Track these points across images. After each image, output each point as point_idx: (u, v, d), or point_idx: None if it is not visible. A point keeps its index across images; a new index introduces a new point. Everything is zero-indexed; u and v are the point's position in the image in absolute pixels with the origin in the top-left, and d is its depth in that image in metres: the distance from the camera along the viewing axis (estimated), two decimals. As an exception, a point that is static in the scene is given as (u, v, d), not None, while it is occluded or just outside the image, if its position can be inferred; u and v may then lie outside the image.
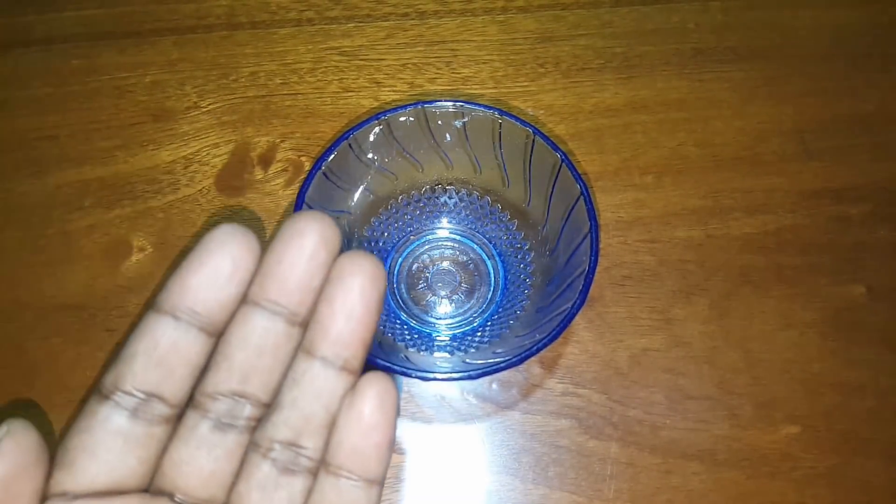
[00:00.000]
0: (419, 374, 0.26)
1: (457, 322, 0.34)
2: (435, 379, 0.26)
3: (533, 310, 0.31)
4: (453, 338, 0.33)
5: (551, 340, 0.26)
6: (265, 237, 0.36)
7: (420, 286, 0.34)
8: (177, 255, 0.36)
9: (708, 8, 0.42)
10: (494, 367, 0.26)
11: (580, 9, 0.42)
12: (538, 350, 0.26)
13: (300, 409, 0.18)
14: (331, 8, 0.42)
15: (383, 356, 0.26)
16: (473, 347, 0.32)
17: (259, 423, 0.18)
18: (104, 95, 0.40)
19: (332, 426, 0.18)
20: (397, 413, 0.18)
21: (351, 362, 0.18)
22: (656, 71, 0.40)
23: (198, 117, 0.39)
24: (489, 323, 0.33)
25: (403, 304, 0.34)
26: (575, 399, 0.33)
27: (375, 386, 0.17)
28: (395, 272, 0.35)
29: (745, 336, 0.34)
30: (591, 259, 0.27)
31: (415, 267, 0.35)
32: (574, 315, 0.26)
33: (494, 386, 0.33)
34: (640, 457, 0.32)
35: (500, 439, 0.32)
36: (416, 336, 0.33)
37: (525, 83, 0.40)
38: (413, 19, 0.42)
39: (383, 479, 0.18)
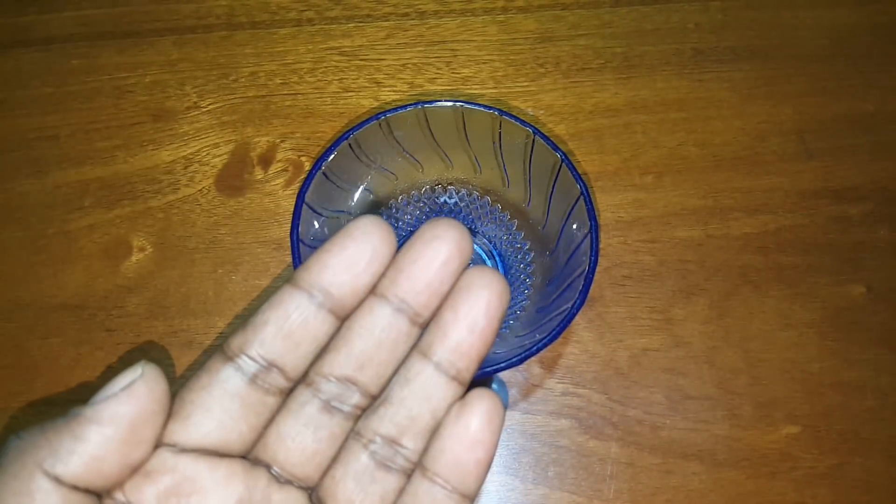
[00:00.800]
0: (419, 374, 0.26)
1: (457, 322, 0.34)
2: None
3: (533, 310, 0.31)
4: (453, 338, 0.33)
5: (551, 340, 0.26)
6: (266, 237, 0.36)
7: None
8: (176, 255, 0.36)
9: (708, 8, 0.42)
10: (494, 367, 0.26)
11: (580, 9, 0.42)
12: (538, 350, 0.26)
13: (407, 408, 0.18)
14: (331, 8, 0.42)
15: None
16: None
17: (363, 413, 0.18)
18: (104, 95, 0.40)
19: (433, 432, 0.18)
20: (501, 434, 0.18)
21: (463, 374, 0.18)
22: (656, 71, 0.40)
23: (198, 117, 0.39)
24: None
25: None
26: (575, 399, 0.33)
27: (486, 402, 0.18)
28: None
29: (744, 336, 0.34)
30: (591, 259, 0.27)
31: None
32: (574, 315, 0.26)
33: (495, 386, 0.33)
34: (640, 457, 0.32)
35: (500, 439, 0.32)
36: (416, 336, 0.32)
37: (525, 83, 0.40)
38: (413, 19, 0.42)
39: (475, 498, 0.18)
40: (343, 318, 0.18)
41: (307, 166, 0.38)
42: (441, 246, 0.17)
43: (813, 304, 0.35)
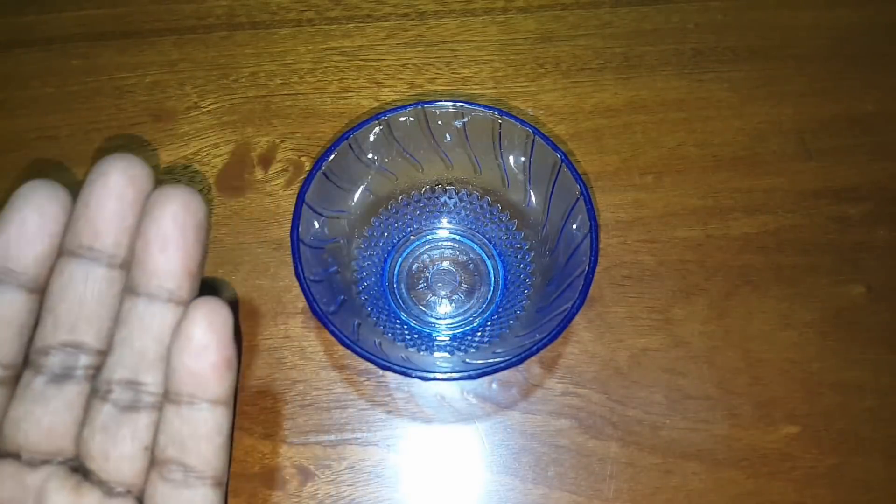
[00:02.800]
0: (419, 374, 0.26)
1: (457, 322, 0.34)
2: (435, 379, 0.26)
3: (533, 310, 0.31)
4: (453, 338, 0.33)
5: (551, 340, 0.26)
6: (266, 237, 0.36)
7: (420, 286, 0.34)
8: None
9: (708, 8, 0.42)
10: (494, 367, 0.26)
11: (580, 9, 0.42)
12: (538, 350, 0.26)
13: (131, 347, 0.17)
14: (331, 8, 0.42)
15: (383, 356, 0.26)
16: (473, 347, 0.32)
17: (98, 371, 0.18)
18: (104, 95, 0.40)
19: (167, 358, 0.18)
20: (233, 332, 0.18)
21: (177, 293, 0.17)
22: (656, 71, 0.40)
23: (198, 117, 0.39)
24: (489, 323, 0.33)
25: (403, 304, 0.34)
26: (575, 399, 0.33)
27: (203, 307, 0.17)
28: (395, 272, 0.35)
29: (744, 336, 0.34)
30: (591, 259, 0.27)
31: (415, 267, 0.35)
32: (574, 315, 0.26)
33: (494, 386, 0.33)
34: (640, 456, 0.32)
35: (500, 439, 0.32)
36: (416, 336, 0.33)
37: (525, 83, 0.40)
38: (413, 19, 0.42)
39: (230, 401, 0.18)
40: (39, 290, 0.17)
41: (307, 166, 0.38)
42: (108, 180, 0.17)
43: (813, 304, 0.35)
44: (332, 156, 0.29)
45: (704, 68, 0.40)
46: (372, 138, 0.30)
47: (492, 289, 0.34)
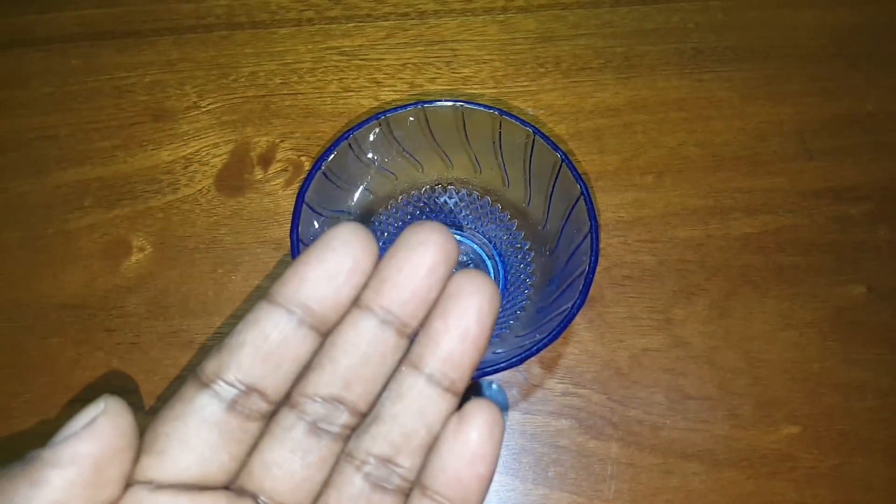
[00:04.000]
0: (419, 374, 0.26)
1: (457, 322, 0.34)
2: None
3: (533, 310, 0.31)
4: (453, 338, 0.33)
5: (551, 340, 0.26)
6: (266, 237, 0.36)
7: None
8: (176, 255, 0.36)
9: (708, 8, 0.42)
10: (494, 367, 0.26)
11: (580, 9, 0.42)
12: (538, 350, 0.26)
13: (401, 425, 0.17)
14: (331, 8, 0.42)
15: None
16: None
17: (353, 433, 0.17)
18: (104, 95, 0.40)
19: (429, 448, 0.17)
20: (501, 445, 0.17)
21: (457, 384, 0.17)
22: (656, 71, 0.40)
23: (197, 117, 0.39)
24: (489, 323, 0.33)
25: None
26: (575, 399, 0.33)
27: (484, 414, 0.17)
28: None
29: (745, 336, 0.34)
30: (591, 259, 0.27)
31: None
32: (574, 315, 0.26)
33: (494, 386, 0.33)
34: (640, 457, 0.32)
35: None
36: (416, 336, 0.32)
37: (525, 83, 0.40)
38: (413, 19, 0.42)
39: None
40: (325, 333, 0.17)
41: (307, 166, 0.38)
42: (426, 252, 0.16)
43: (813, 304, 0.35)
44: (332, 155, 0.29)
45: (705, 68, 0.40)
46: (372, 138, 0.30)
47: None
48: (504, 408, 0.18)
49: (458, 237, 0.35)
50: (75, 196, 0.37)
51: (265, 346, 0.16)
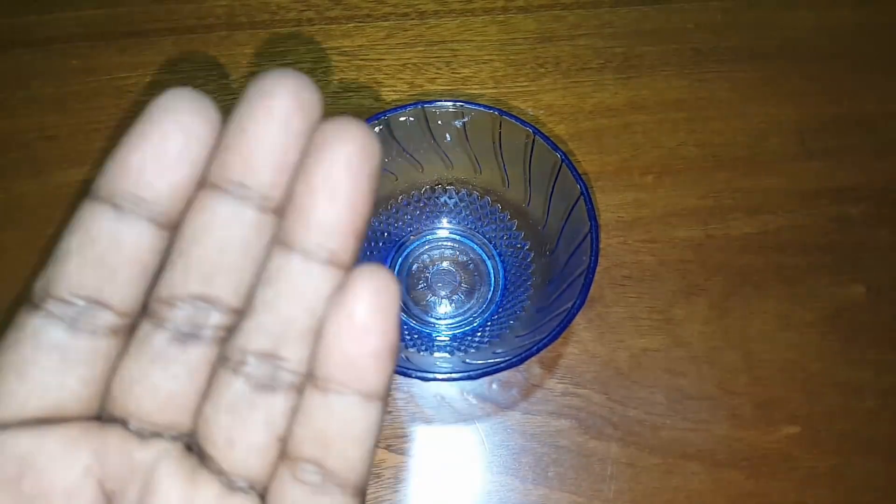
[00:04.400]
0: (419, 374, 0.26)
1: (457, 322, 0.34)
2: (435, 379, 0.26)
3: (533, 310, 0.31)
4: (453, 338, 0.33)
5: (551, 340, 0.26)
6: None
7: (420, 286, 0.34)
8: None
9: (708, 8, 0.42)
10: (494, 367, 0.26)
11: (580, 9, 0.42)
12: (538, 350, 0.26)
13: (277, 313, 0.14)
14: (331, 8, 0.42)
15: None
16: (473, 347, 0.32)
17: (229, 333, 0.15)
18: (104, 95, 0.40)
19: (317, 332, 0.14)
20: (399, 312, 0.14)
21: (339, 255, 0.14)
22: (656, 71, 0.40)
23: (198, 117, 0.39)
24: (489, 323, 0.33)
25: (403, 304, 0.34)
26: (575, 399, 0.33)
27: (371, 280, 0.14)
28: (396, 272, 0.35)
29: (745, 336, 0.34)
30: (591, 259, 0.27)
31: (415, 267, 0.35)
32: (574, 315, 0.26)
33: (494, 386, 0.33)
34: (641, 457, 0.32)
35: (500, 439, 0.32)
36: (416, 336, 0.33)
37: (525, 83, 0.40)
38: (413, 19, 0.42)
39: (385, 395, 0.15)
40: (171, 225, 0.14)
41: (307, 166, 0.38)
42: (273, 103, 0.13)
43: (813, 304, 0.35)
44: (332, 156, 0.29)
45: (705, 68, 0.40)
46: (372, 138, 0.30)
47: (492, 289, 0.34)
48: (396, 279, 0.14)
49: (458, 237, 0.35)
50: (75, 196, 0.37)
51: (93, 250, 0.13)
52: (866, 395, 0.33)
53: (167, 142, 0.13)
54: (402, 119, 0.30)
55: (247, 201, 0.14)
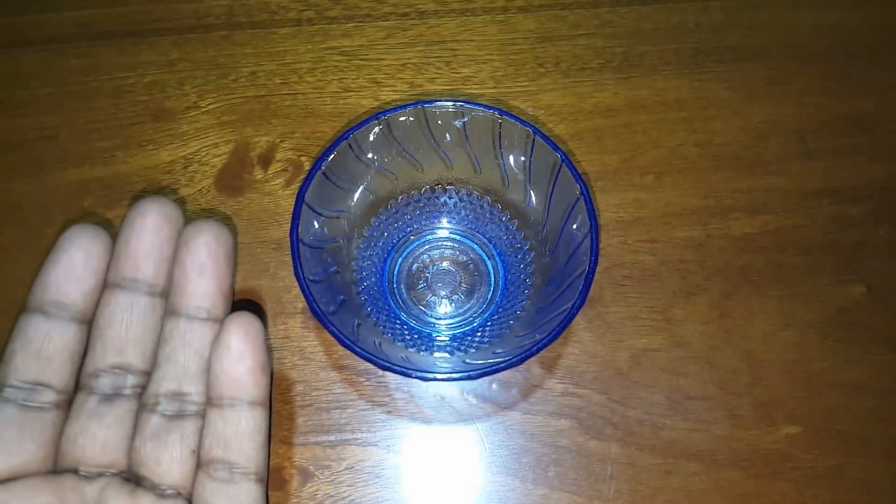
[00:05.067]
0: (419, 374, 0.26)
1: (457, 322, 0.34)
2: (435, 379, 0.26)
3: (533, 310, 0.31)
4: (453, 338, 0.33)
5: (551, 340, 0.26)
6: (265, 237, 0.36)
7: (420, 286, 0.34)
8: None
9: (708, 8, 0.42)
10: (494, 367, 0.26)
11: (580, 9, 0.42)
12: (538, 350, 0.26)
13: (175, 362, 0.19)
14: (330, 8, 0.42)
15: (383, 356, 0.26)
16: (473, 347, 0.32)
17: (143, 389, 0.19)
18: (104, 95, 0.40)
19: (207, 369, 0.19)
20: (266, 341, 0.20)
21: (213, 312, 0.20)
22: (656, 71, 0.40)
23: (197, 117, 0.39)
24: (489, 323, 0.33)
25: (403, 304, 0.34)
26: (575, 399, 0.33)
27: (238, 320, 0.19)
28: (395, 272, 0.35)
29: (745, 336, 0.34)
30: (591, 259, 0.27)
31: (415, 267, 0.35)
32: (574, 315, 0.26)
33: (494, 386, 0.33)
34: (641, 457, 0.32)
35: (500, 439, 0.32)
36: (415, 336, 0.32)
37: (525, 83, 0.40)
38: (413, 19, 0.42)
39: (266, 402, 0.20)
40: (87, 321, 0.19)
41: (307, 166, 0.38)
42: (146, 220, 0.19)
43: (813, 304, 0.35)
44: (332, 156, 0.29)
45: (705, 68, 0.40)
46: (372, 138, 0.30)
47: (492, 289, 0.34)
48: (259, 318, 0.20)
49: (458, 237, 0.35)
50: (75, 196, 0.37)
51: (32, 346, 0.18)
52: (866, 395, 0.33)
53: (74, 262, 0.18)
54: (402, 119, 0.30)
55: (139, 291, 0.19)
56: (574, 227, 0.29)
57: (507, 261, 0.34)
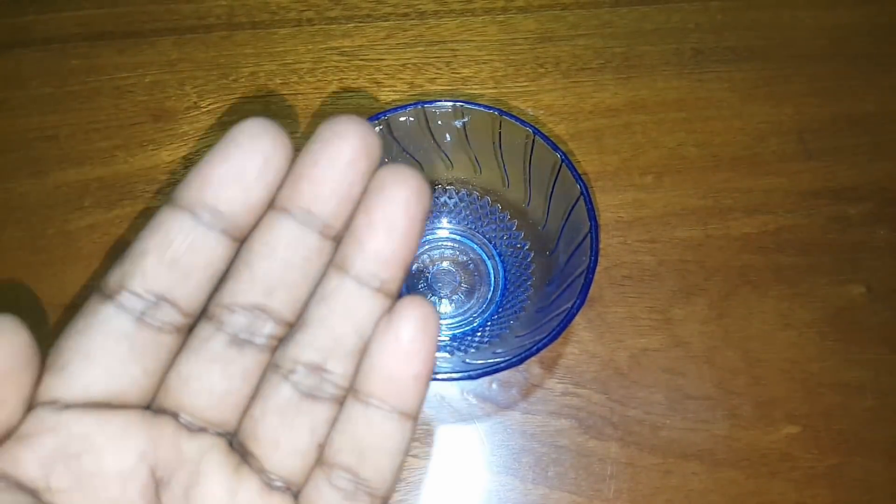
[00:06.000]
0: (419, 374, 0.26)
1: (457, 322, 0.34)
2: (435, 379, 0.26)
3: (533, 310, 0.31)
4: (453, 338, 0.33)
5: (551, 340, 0.26)
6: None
7: (420, 286, 0.34)
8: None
9: (708, 8, 0.42)
10: (494, 367, 0.26)
11: (580, 9, 0.42)
12: (538, 350, 0.26)
13: (329, 330, 0.15)
14: (331, 8, 0.42)
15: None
16: (473, 347, 0.32)
17: (280, 343, 0.16)
18: (104, 95, 0.40)
19: (361, 352, 0.16)
20: (438, 342, 0.16)
21: (388, 284, 0.16)
22: (656, 71, 0.40)
23: (198, 117, 0.39)
24: (489, 323, 0.33)
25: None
26: (575, 399, 0.33)
27: (416, 310, 0.15)
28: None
29: (744, 336, 0.34)
30: (590, 259, 0.27)
31: (415, 267, 0.35)
32: (574, 315, 0.26)
33: (494, 386, 0.33)
34: (640, 457, 0.32)
35: (500, 439, 0.32)
36: (416, 336, 0.32)
37: (525, 83, 0.40)
38: (413, 19, 0.42)
39: (418, 416, 0.16)
40: (240, 238, 0.15)
41: (307, 166, 0.38)
42: (343, 144, 0.15)
43: (813, 304, 0.35)
44: (332, 156, 0.29)
45: (704, 68, 0.40)
46: (372, 138, 0.30)
47: (492, 289, 0.34)
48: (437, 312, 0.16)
49: (458, 237, 0.35)
50: (75, 196, 0.37)
51: (170, 252, 0.15)
52: (866, 395, 0.33)
53: (247, 164, 0.14)
54: (402, 119, 0.30)
55: (311, 226, 0.15)
56: (574, 227, 0.29)
57: (507, 261, 0.34)
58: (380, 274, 0.15)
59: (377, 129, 0.30)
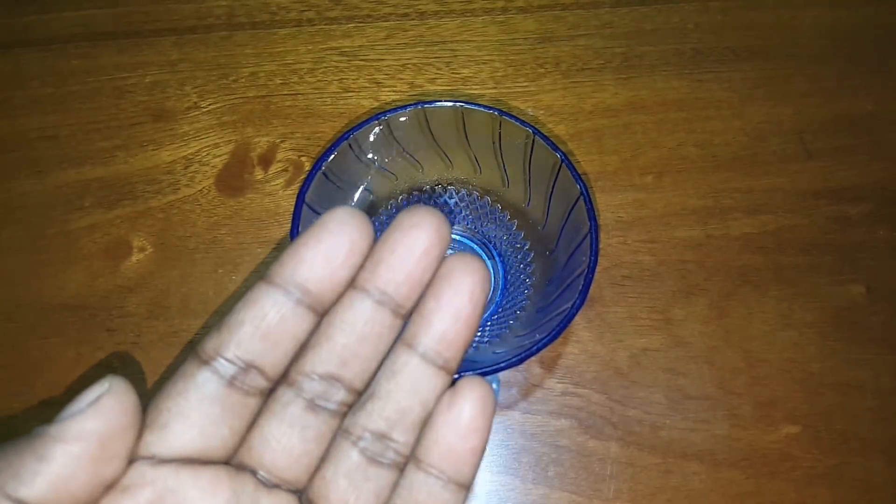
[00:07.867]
0: (419, 374, 0.26)
1: (457, 322, 0.34)
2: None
3: (533, 310, 0.31)
4: (453, 338, 0.33)
5: (551, 340, 0.26)
6: (266, 237, 0.36)
7: (420, 286, 0.34)
8: (176, 255, 0.36)
9: (708, 8, 0.42)
10: (494, 367, 0.26)
11: (580, 9, 0.42)
12: (538, 350, 0.26)
13: (396, 402, 0.17)
14: (331, 8, 0.42)
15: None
16: (473, 347, 0.32)
17: (349, 410, 0.18)
18: (104, 95, 0.40)
19: (423, 424, 0.17)
20: (492, 421, 0.18)
21: (450, 363, 0.17)
22: (656, 71, 0.40)
23: (198, 117, 0.39)
24: (489, 323, 0.33)
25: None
26: (575, 399, 0.33)
27: (477, 390, 0.17)
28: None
29: (744, 336, 0.34)
30: (590, 259, 0.27)
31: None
32: (574, 315, 0.26)
33: (494, 386, 0.33)
34: (640, 456, 0.32)
35: (500, 439, 0.32)
36: (416, 336, 0.32)
37: (525, 83, 0.40)
38: (413, 19, 0.42)
39: (472, 486, 0.18)
40: (322, 313, 0.17)
41: (307, 166, 0.38)
42: (420, 234, 0.17)
43: (813, 304, 0.35)
44: (332, 156, 0.29)
45: (704, 68, 0.40)
46: (372, 138, 0.30)
47: (492, 289, 0.34)
48: (496, 395, 0.18)
49: (458, 237, 0.35)
50: (76, 196, 0.37)
51: (263, 324, 0.16)
52: (866, 395, 0.33)
53: (335, 248, 0.16)
54: (402, 119, 0.30)
55: (385, 305, 0.17)
56: (574, 227, 0.29)
57: (507, 261, 0.34)
58: (443, 353, 0.17)
59: (377, 129, 0.30)
